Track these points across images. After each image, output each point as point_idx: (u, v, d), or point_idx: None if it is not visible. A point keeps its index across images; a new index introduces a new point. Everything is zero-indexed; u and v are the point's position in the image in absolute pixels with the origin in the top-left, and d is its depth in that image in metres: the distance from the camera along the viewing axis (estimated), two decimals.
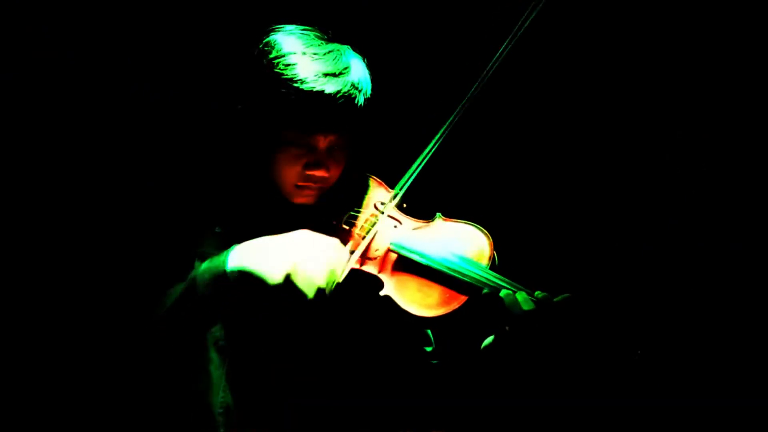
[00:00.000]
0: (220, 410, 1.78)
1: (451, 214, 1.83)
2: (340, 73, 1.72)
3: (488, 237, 1.74)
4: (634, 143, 2.36)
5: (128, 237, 2.27)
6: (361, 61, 1.84)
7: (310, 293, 1.56)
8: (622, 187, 2.36)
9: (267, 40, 1.78)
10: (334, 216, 1.86)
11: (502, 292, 1.61)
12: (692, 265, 2.26)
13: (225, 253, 1.65)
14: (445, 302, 1.65)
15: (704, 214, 2.31)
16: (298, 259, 1.58)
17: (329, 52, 1.75)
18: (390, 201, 1.78)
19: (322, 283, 1.58)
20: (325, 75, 1.70)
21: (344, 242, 1.80)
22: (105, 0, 2.35)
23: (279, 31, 1.80)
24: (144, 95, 2.40)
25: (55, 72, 2.33)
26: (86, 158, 2.37)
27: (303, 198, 1.83)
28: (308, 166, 1.77)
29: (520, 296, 1.61)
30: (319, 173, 1.77)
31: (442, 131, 1.73)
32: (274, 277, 1.56)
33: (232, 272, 1.60)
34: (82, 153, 2.37)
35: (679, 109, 2.33)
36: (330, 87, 1.70)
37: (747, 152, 2.30)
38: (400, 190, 1.76)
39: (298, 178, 1.79)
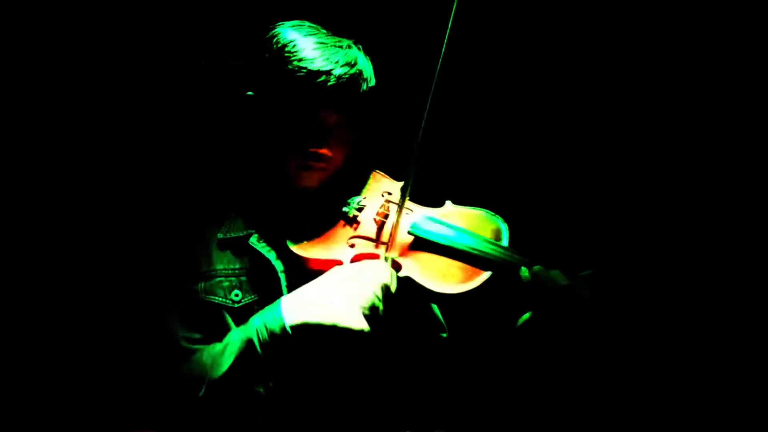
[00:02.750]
0: None
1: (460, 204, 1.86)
2: (350, 64, 1.80)
3: (501, 219, 1.77)
4: (628, 141, 2.37)
5: (128, 238, 2.27)
6: (365, 56, 1.90)
7: (381, 314, 1.55)
8: (615, 185, 2.37)
9: (274, 31, 1.84)
10: (342, 204, 1.87)
11: (536, 268, 1.61)
12: (684, 263, 2.26)
13: (274, 308, 1.60)
14: (468, 278, 1.65)
15: (697, 213, 2.32)
16: (362, 292, 1.56)
17: (338, 43, 1.82)
18: (406, 190, 1.77)
19: (380, 305, 1.56)
20: (334, 61, 1.78)
21: (356, 229, 1.82)
22: (105, 0, 2.35)
23: (286, 25, 1.85)
24: (144, 95, 2.39)
25: (55, 72, 2.32)
26: (86, 158, 2.37)
27: (308, 181, 1.85)
28: (312, 143, 1.80)
29: (555, 273, 1.60)
30: (321, 150, 1.80)
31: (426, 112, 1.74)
32: (353, 320, 1.52)
33: (295, 328, 1.54)
34: (82, 153, 2.36)
35: (672, 107, 2.34)
36: (338, 70, 1.77)
37: (740, 150, 2.31)
38: (411, 177, 1.77)
39: (302, 157, 1.81)
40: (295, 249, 1.78)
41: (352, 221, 1.84)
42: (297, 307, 1.57)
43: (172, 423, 1.63)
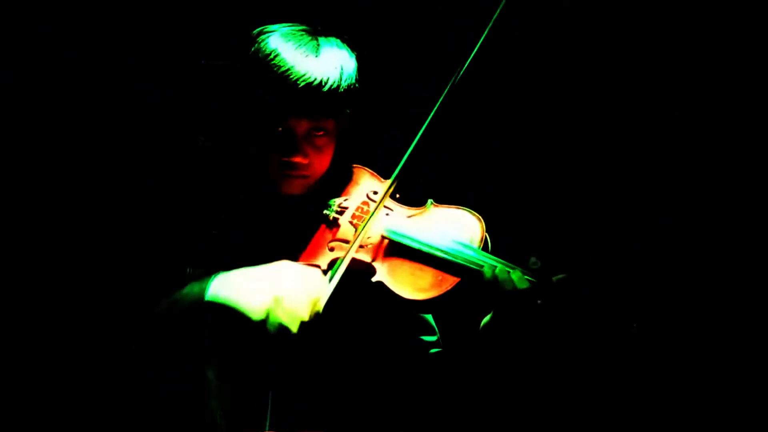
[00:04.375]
0: (221, 413, 1.79)
1: (445, 202, 1.83)
2: (311, 60, 1.75)
3: (480, 220, 1.74)
4: (627, 137, 2.34)
5: (126, 237, 2.28)
6: (348, 53, 1.85)
7: (293, 327, 1.60)
8: (614, 180, 2.35)
9: (254, 34, 1.83)
10: (325, 207, 1.86)
11: (497, 270, 1.61)
12: (684, 263, 2.24)
13: (208, 280, 1.69)
14: (437, 284, 1.65)
15: (697, 212, 2.30)
16: (278, 293, 1.62)
17: (306, 42, 1.78)
18: (385, 190, 1.78)
19: (304, 316, 1.61)
20: (296, 62, 1.74)
21: (336, 233, 1.81)
22: (105, 0, 2.36)
23: (267, 29, 1.83)
24: (144, 95, 2.40)
25: (55, 72, 2.34)
26: (86, 158, 2.38)
27: (289, 188, 1.84)
28: (285, 152, 1.78)
29: (515, 275, 1.61)
30: (295, 159, 1.78)
31: (430, 118, 1.74)
32: (253, 312, 1.62)
33: (210, 301, 1.66)
34: (81, 153, 2.38)
35: (672, 104, 2.32)
36: (299, 71, 1.73)
37: (740, 150, 2.28)
38: (395, 178, 1.77)
39: (279, 166, 1.80)
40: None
41: (333, 224, 1.83)
42: (220, 284, 1.68)
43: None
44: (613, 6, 2.26)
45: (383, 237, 1.76)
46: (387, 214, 1.82)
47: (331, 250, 1.77)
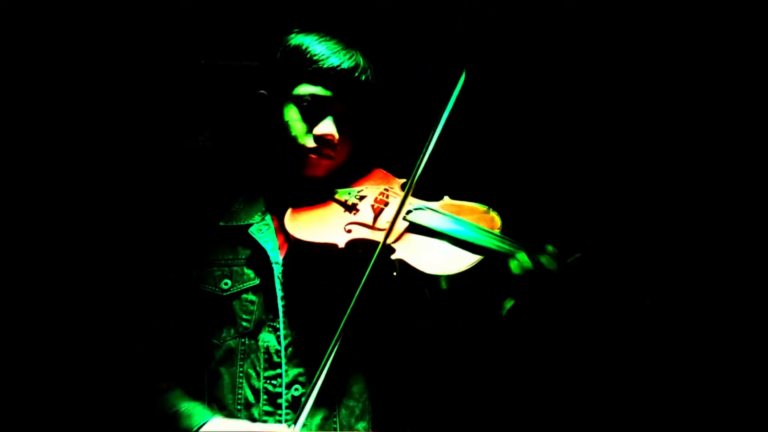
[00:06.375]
0: (239, 407, 1.84)
1: (460, 197, 1.92)
2: (351, 57, 1.92)
3: (496, 213, 1.83)
4: (626, 141, 2.38)
5: (133, 232, 2.28)
6: (369, 60, 1.98)
7: None
8: (615, 185, 2.38)
9: (287, 36, 1.96)
10: (342, 193, 1.96)
11: (514, 249, 1.68)
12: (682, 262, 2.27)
13: (201, 416, 1.81)
14: (459, 261, 1.72)
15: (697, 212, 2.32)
16: None
17: (342, 41, 1.94)
18: (408, 183, 1.84)
19: None
20: (335, 53, 1.91)
21: (354, 215, 1.91)
22: (105, 0, 2.36)
23: (295, 31, 1.97)
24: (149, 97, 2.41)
25: (55, 72, 2.33)
26: (90, 157, 2.37)
27: (314, 169, 1.94)
28: (319, 128, 1.90)
29: (545, 258, 1.67)
30: (328, 135, 1.90)
31: (443, 119, 1.82)
32: None
33: None
34: (85, 153, 2.37)
35: (675, 99, 2.35)
36: (337, 60, 1.90)
37: (740, 150, 2.31)
38: (416, 172, 1.83)
39: (314, 141, 1.91)
40: (294, 231, 1.87)
41: (351, 208, 1.92)
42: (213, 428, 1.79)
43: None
44: (615, 5, 2.28)
45: (404, 219, 1.84)
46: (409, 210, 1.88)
47: (348, 231, 1.86)
